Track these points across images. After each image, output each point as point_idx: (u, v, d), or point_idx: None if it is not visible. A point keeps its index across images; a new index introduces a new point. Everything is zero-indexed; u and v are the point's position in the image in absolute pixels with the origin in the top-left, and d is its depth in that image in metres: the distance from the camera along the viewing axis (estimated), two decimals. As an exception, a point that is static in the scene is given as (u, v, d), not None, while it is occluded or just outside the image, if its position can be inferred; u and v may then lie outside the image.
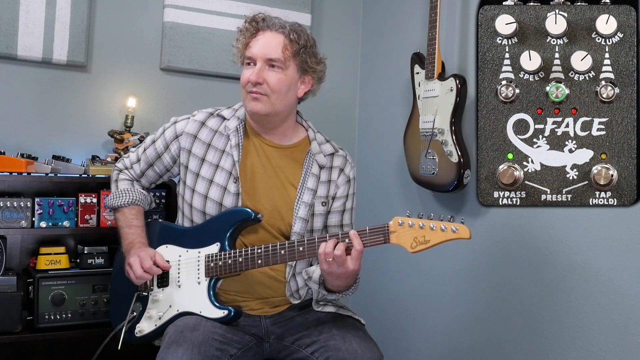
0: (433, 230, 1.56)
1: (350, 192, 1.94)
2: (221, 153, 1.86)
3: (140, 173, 1.98)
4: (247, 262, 1.74)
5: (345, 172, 1.93)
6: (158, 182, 2.02)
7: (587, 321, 1.88)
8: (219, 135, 1.87)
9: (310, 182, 1.87)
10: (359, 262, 1.65)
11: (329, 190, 1.89)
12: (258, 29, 1.81)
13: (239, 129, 1.88)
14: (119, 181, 2.00)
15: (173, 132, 1.90)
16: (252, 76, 1.78)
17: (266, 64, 1.79)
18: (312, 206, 1.86)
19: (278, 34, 1.80)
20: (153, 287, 1.85)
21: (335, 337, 1.73)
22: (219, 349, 1.67)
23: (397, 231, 1.60)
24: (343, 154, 1.96)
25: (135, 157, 1.99)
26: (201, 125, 1.88)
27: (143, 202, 1.96)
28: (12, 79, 2.49)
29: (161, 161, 1.93)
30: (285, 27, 1.81)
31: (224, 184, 1.83)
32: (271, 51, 1.79)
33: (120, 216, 1.93)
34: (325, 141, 1.95)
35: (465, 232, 1.55)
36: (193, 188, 1.86)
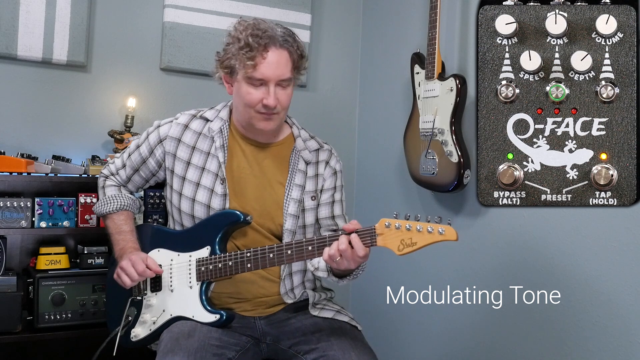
0: (420, 232, 1.54)
1: (338, 184, 1.94)
2: (206, 155, 1.85)
3: (127, 179, 1.98)
4: (237, 266, 1.74)
5: (331, 165, 1.93)
6: (145, 187, 2.02)
7: (587, 321, 1.88)
8: (203, 138, 1.87)
9: (298, 179, 1.87)
10: (363, 248, 1.59)
11: (317, 184, 1.90)
12: (265, 46, 1.73)
13: (222, 130, 1.87)
14: (106, 187, 2.00)
15: (157, 136, 1.89)
16: (270, 101, 1.74)
17: (277, 83, 1.76)
18: (301, 202, 1.86)
19: (283, 51, 1.75)
20: (147, 291, 1.85)
21: (334, 347, 1.72)
22: (216, 354, 1.66)
23: (384, 233, 1.58)
24: (328, 148, 1.96)
25: (120, 163, 1.98)
26: (184, 128, 1.88)
27: (132, 206, 1.96)
28: (12, 79, 2.49)
29: (146, 166, 1.92)
30: (286, 41, 1.76)
31: (210, 186, 1.83)
32: (283, 72, 1.75)
33: (109, 223, 1.93)
34: (309, 137, 1.95)
35: (452, 234, 1.52)
36: (180, 192, 1.86)
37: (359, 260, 1.62)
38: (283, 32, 1.78)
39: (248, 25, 1.76)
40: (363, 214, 3.03)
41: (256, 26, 1.75)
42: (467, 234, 2.29)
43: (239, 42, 1.74)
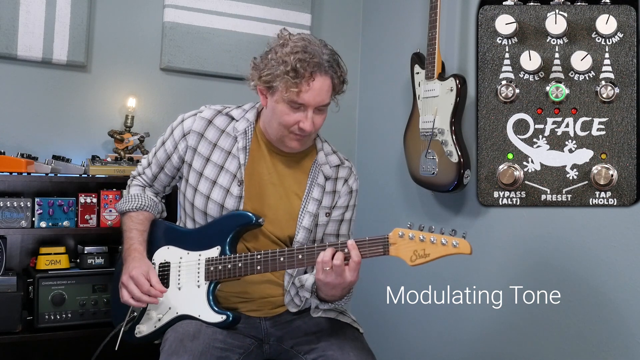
0: (434, 243, 1.54)
1: (351, 204, 1.92)
2: (227, 154, 1.84)
3: (153, 177, 1.96)
4: (247, 268, 1.73)
5: (349, 183, 1.91)
6: (171, 185, 1.99)
7: (587, 321, 1.88)
8: (225, 136, 1.85)
9: (316, 193, 1.85)
10: (356, 274, 1.63)
11: (332, 201, 1.88)
12: (311, 74, 1.69)
13: (247, 131, 1.85)
14: (131, 187, 2.00)
15: (181, 130, 1.87)
16: (306, 126, 1.72)
17: (316, 108, 1.74)
18: (316, 216, 1.84)
19: (327, 78, 1.72)
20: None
21: (333, 348, 1.72)
22: (220, 357, 1.66)
23: (397, 243, 1.58)
24: (348, 165, 1.93)
25: (146, 162, 1.97)
26: (208, 123, 1.85)
27: (152, 208, 1.93)
28: (12, 79, 2.49)
29: (170, 162, 1.90)
30: (332, 67, 1.73)
31: (227, 185, 1.82)
32: (324, 99, 1.73)
33: (125, 220, 1.91)
34: (332, 152, 1.92)
35: (466, 248, 1.53)
36: (195, 187, 1.85)
37: (347, 281, 1.62)
38: (329, 56, 1.73)
39: (296, 48, 1.70)
40: (363, 214, 3.02)
41: (304, 49, 1.69)
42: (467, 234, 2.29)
43: (285, 65, 1.68)
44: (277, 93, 1.72)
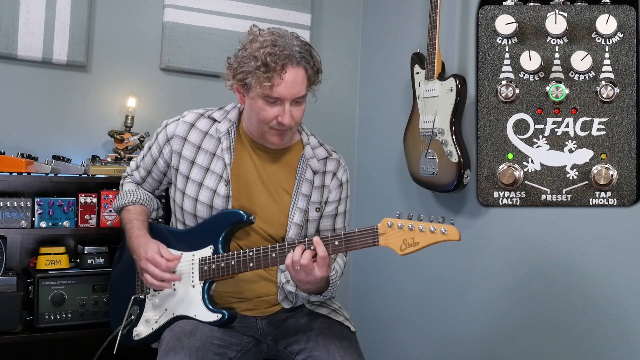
0: (422, 231, 1.53)
1: (343, 196, 1.93)
2: (211, 156, 1.85)
3: (141, 180, 1.98)
4: (240, 265, 1.74)
5: (338, 176, 1.91)
6: (160, 189, 2.01)
7: (587, 321, 1.88)
8: (209, 138, 1.86)
9: (305, 188, 1.85)
10: (325, 269, 1.63)
11: (322, 196, 1.88)
12: (282, 67, 1.68)
13: (230, 131, 1.86)
14: (124, 184, 2.02)
15: (164, 135, 1.89)
16: (285, 119, 1.72)
17: (292, 101, 1.74)
18: (306, 212, 1.85)
19: (300, 69, 1.71)
20: (149, 290, 1.85)
21: (320, 348, 1.73)
22: (217, 353, 1.67)
23: (386, 233, 1.57)
24: (336, 157, 1.93)
25: (134, 165, 2.00)
26: (190, 127, 1.87)
27: (147, 202, 1.95)
28: (12, 79, 2.49)
29: (157, 166, 1.92)
30: (303, 57, 1.72)
31: (213, 187, 1.82)
32: (299, 90, 1.73)
33: (124, 214, 1.93)
34: (318, 144, 1.93)
35: (454, 234, 1.51)
36: (183, 191, 1.86)
37: (317, 277, 1.63)
38: (300, 47, 1.73)
39: (265, 42, 1.70)
40: (363, 214, 3.03)
41: (274, 43, 1.69)
42: (467, 234, 2.28)
43: (255, 60, 1.69)
44: (252, 90, 1.73)
